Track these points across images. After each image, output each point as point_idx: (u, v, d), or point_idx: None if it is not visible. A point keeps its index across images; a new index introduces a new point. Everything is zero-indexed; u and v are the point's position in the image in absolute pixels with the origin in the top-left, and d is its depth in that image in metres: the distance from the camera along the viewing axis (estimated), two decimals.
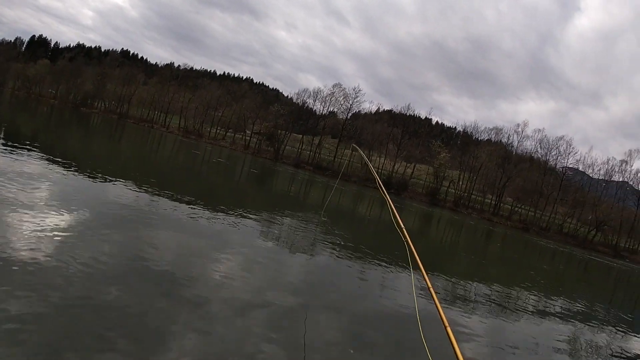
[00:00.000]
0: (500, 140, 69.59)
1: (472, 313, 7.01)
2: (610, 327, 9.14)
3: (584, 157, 70.29)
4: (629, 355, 7.45)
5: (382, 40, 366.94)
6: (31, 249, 4.85)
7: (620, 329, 9.38)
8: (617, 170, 65.94)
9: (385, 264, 9.39)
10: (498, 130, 69.73)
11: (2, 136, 15.33)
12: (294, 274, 6.81)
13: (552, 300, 10.48)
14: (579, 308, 10.26)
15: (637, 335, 9.30)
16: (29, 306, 3.63)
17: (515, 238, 36.78)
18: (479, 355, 5.37)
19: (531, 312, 8.38)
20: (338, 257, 8.77)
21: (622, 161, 65.05)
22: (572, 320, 8.81)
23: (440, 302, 6.87)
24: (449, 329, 2.39)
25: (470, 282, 10.00)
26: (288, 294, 5.67)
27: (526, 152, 73.09)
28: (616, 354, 7.25)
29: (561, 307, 9.85)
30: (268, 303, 5.13)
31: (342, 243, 10.54)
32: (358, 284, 7.29)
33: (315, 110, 69.22)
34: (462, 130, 71.70)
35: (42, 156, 12.18)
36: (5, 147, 12.00)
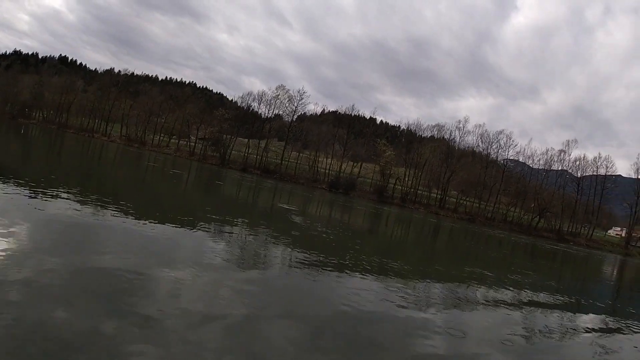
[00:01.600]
0: (443, 137, 72.14)
1: (426, 308, 7.16)
2: (558, 309, 9.50)
3: (524, 149, 74.21)
4: (579, 331, 7.83)
5: (324, 41, 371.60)
6: None
7: (569, 310, 9.91)
8: (556, 159, 69.88)
9: (336, 266, 9.51)
10: (440, 127, 72.27)
11: None
12: (245, 282, 6.81)
13: (503, 287, 10.79)
14: (528, 293, 10.58)
15: (585, 314, 9.82)
16: None
17: (461, 230, 38.05)
18: (438, 349, 5.45)
19: (484, 301, 8.59)
20: (291, 262, 8.86)
21: (561, 151, 69.05)
22: (524, 306, 9.07)
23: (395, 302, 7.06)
24: None
25: (420, 277, 10.06)
26: (240, 305, 5.63)
27: (468, 147, 76.21)
28: (568, 332, 7.62)
29: (512, 293, 10.19)
30: (222, 315, 5.11)
31: (293, 247, 10.55)
32: (311, 287, 7.36)
33: (260, 113, 69.08)
34: (405, 128, 73.84)
35: None
36: None
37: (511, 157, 79.08)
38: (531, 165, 78.18)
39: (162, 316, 4.65)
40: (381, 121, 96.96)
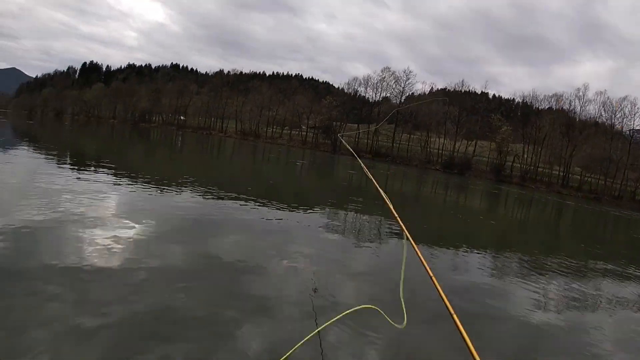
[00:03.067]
0: (562, 107, 66.87)
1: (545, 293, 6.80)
2: None
3: None
4: None
5: (424, 17, 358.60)
6: (103, 260, 5.07)
7: None
8: None
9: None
10: (558, 97, 67.07)
11: (68, 160, 15.97)
12: (358, 270, 6.67)
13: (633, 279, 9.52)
14: None
15: None
16: (102, 315, 3.76)
17: (586, 210, 34.74)
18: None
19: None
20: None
21: None
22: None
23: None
24: (434, 279, 2.28)
25: (542, 258, 9.63)
26: (361, 294, 5.50)
27: (590, 117, 69.89)
28: None
29: None
30: (331, 303, 4.93)
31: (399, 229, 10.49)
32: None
33: (367, 97, 69.87)
34: (520, 101, 69.63)
35: (108, 173, 12.57)
36: (72, 168, 12.61)
37: (638, 127, 71.14)
38: None
39: (276, 303, 4.62)
40: (494, 95, 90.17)
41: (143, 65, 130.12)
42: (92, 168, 13.36)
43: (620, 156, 64.61)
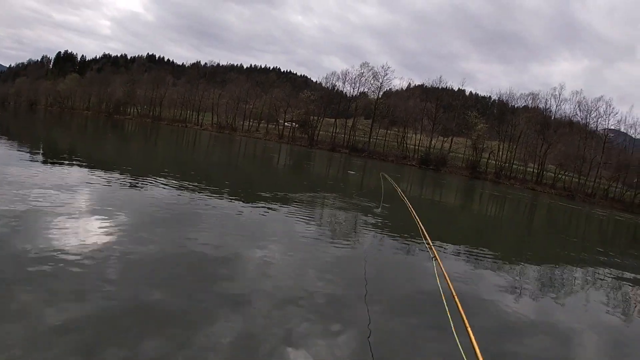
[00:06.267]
0: (538, 106, 67.55)
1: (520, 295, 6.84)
2: None
3: (625, 117, 67.42)
4: None
5: (401, 11, 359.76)
6: (75, 254, 4.94)
7: None
8: None
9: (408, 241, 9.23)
10: (534, 96, 67.70)
11: (41, 152, 15.69)
12: (334, 262, 6.73)
13: (603, 267, 10.39)
14: (632, 275, 10.01)
15: None
16: (74, 308, 3.70)
17: (559, 207, 35.32)
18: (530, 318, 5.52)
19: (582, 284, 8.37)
20: (381, 241, 8.71)
21: None
22: (629, 285, 8.79)
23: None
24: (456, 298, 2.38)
25: (515, 258, 9.73)
26: (330, 283, 5.59)
27: (565, 116, 70.82)
28: None
29: (614, 274, 9.75)
30: (310, 293, 5.03)
31: (382, 227, 10.33)
32: (400, 266, 7.22)
33: (345, 92, 69.22)
34: (497, 98, 70.00)
35: (82, 165, 12.45)
36: (45, 161, 12.32)
37: (612, 127, 72.46)
38: (633, 136, 71.13)
39: (250, 295, 4.60)
40: (470, 92, 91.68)
41: (118, 55, 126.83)
42: (65, 161, 13.04)
43: (594, 155, 65.67)
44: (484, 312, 5.54)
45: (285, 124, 70.34)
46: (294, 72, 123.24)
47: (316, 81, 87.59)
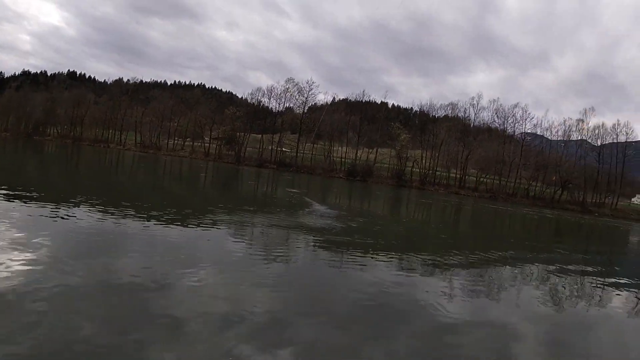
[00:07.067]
0: (457, 115, 70.90)
1: (451, 295, 7.02)
2: (589, 277, 9.77)
3: (541, 120, 72.40)
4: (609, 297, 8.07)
5: (324, 27, 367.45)
6: None
7: (599, 279, 10.05)
8: (574, 129, 68.13)
9: (354, 252, 9.30)
10: (454, 106, 71.09)
11: None
12: (269, 280, 6.61)
13: (531, 262, 10.92)
14: (557, 266, 10.56)
15: (616, 280, 10.01)
16: (3, 351, 3.50)
17: (483, 209, 37.22)
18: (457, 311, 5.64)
19: (512, 280, 8.72)
20: (314, 254, 8.75)
21: (579, 120, 67.20)
22: (555, 276, 9.22)
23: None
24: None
25: (446, 260, 9.86)
26: (266, 303, 5.47)
27: (484, 124, 74.83)
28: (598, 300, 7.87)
29: (541, 267, 10.23)
30: (247, 314, 4.92)
31: (315, 240, 10.36)
32: (334, 280, 7.15)
33: (271, 108, 68.87)
34: (418, 109, 72.85)
35: None
36: None
37: (528, 131, 77.44)
38: (549, 138, 76.50)
39: (185, 320, 4.50)
40: (393, 105, 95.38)
41: (38, 72, 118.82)
42: None
43: (513, 157, 69.70)
44: (419, 315, 5.61)
45: (212, 141, 68.81)
46: (219, 89, 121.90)
47: (242, 97, 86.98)
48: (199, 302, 5.11)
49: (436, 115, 70.31)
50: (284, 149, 64.97)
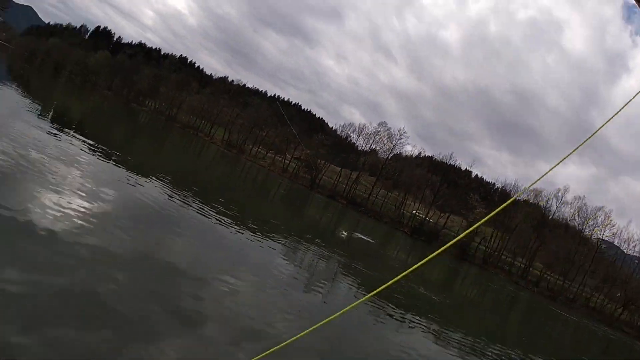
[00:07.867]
0: (539, 203, 68.43)
1: None
2: None
3: (621, 230, 67.95)
4: None
5: (427, 81, 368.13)
6: (47, 224, 4.79)
7: None
8: None
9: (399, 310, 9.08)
10: (538, 193, 68.62)
11: (49, 116, 15.27)
12: (301, 309, 6.29)
13: None
14: None
15: None
16: (29, 282, 3.59)
17: (540, 308, 35.49)
18: None
19: None
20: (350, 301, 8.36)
21: None
22: None
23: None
24: None
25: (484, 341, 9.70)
26: (292, 327, 5.18)
27: (563, 218, 71.53)
28: None
29: None
30: (268, 333, 4.70)
31: (357, 285, 10.01)
32: (364, 336, 6.83)
33: (357, 145, 70.38)
34: (500, 187, 71.18)
35: (84, 142, 12.09)
36: (51, 125, 12.10)
37: (606, 238, 73.00)
38: (625, 251, 71.57)
39: (204, 319, 4.35)
40: (476, 175, 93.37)
41: (153, 47, 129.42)
42: (70, 132, 12.67)
43: (583, 262, 65.92)
44: None
45: (292, 159, 71.24)
46: (313, 113, 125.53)
47: (332, 127, 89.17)
48: (226, 307, 4.93)
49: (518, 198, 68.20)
50: (358, 188, 65.93)
